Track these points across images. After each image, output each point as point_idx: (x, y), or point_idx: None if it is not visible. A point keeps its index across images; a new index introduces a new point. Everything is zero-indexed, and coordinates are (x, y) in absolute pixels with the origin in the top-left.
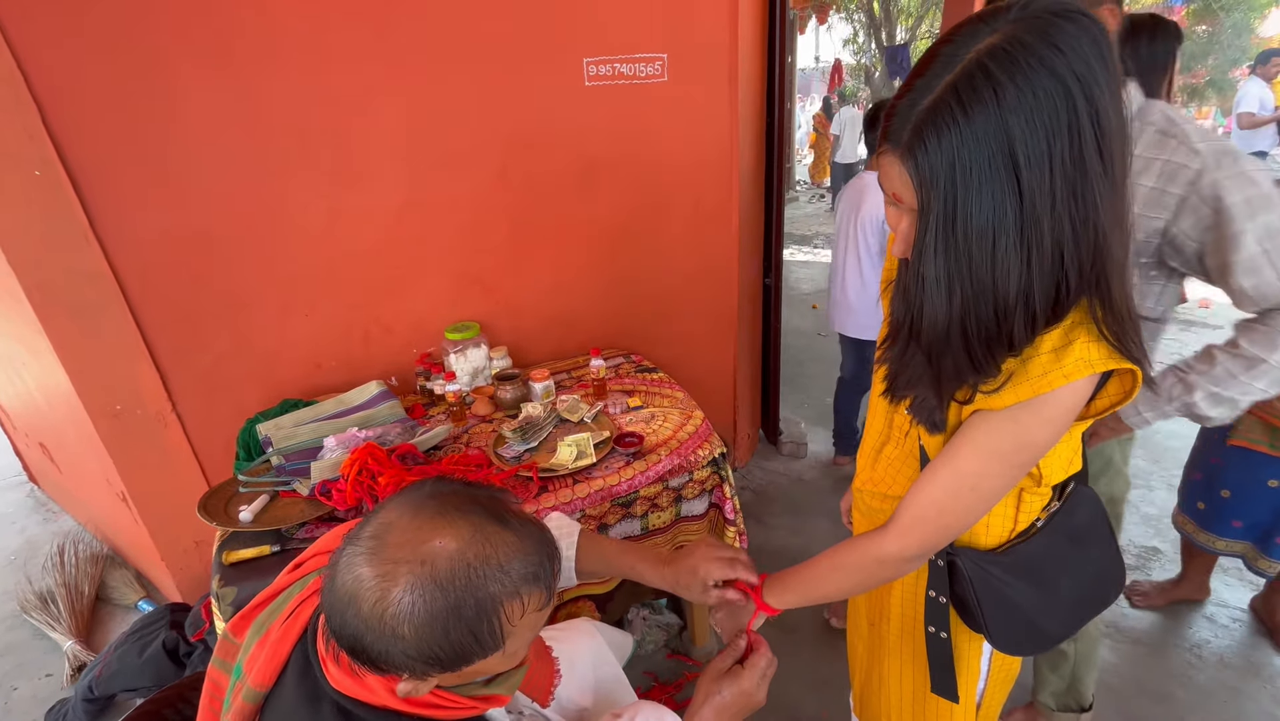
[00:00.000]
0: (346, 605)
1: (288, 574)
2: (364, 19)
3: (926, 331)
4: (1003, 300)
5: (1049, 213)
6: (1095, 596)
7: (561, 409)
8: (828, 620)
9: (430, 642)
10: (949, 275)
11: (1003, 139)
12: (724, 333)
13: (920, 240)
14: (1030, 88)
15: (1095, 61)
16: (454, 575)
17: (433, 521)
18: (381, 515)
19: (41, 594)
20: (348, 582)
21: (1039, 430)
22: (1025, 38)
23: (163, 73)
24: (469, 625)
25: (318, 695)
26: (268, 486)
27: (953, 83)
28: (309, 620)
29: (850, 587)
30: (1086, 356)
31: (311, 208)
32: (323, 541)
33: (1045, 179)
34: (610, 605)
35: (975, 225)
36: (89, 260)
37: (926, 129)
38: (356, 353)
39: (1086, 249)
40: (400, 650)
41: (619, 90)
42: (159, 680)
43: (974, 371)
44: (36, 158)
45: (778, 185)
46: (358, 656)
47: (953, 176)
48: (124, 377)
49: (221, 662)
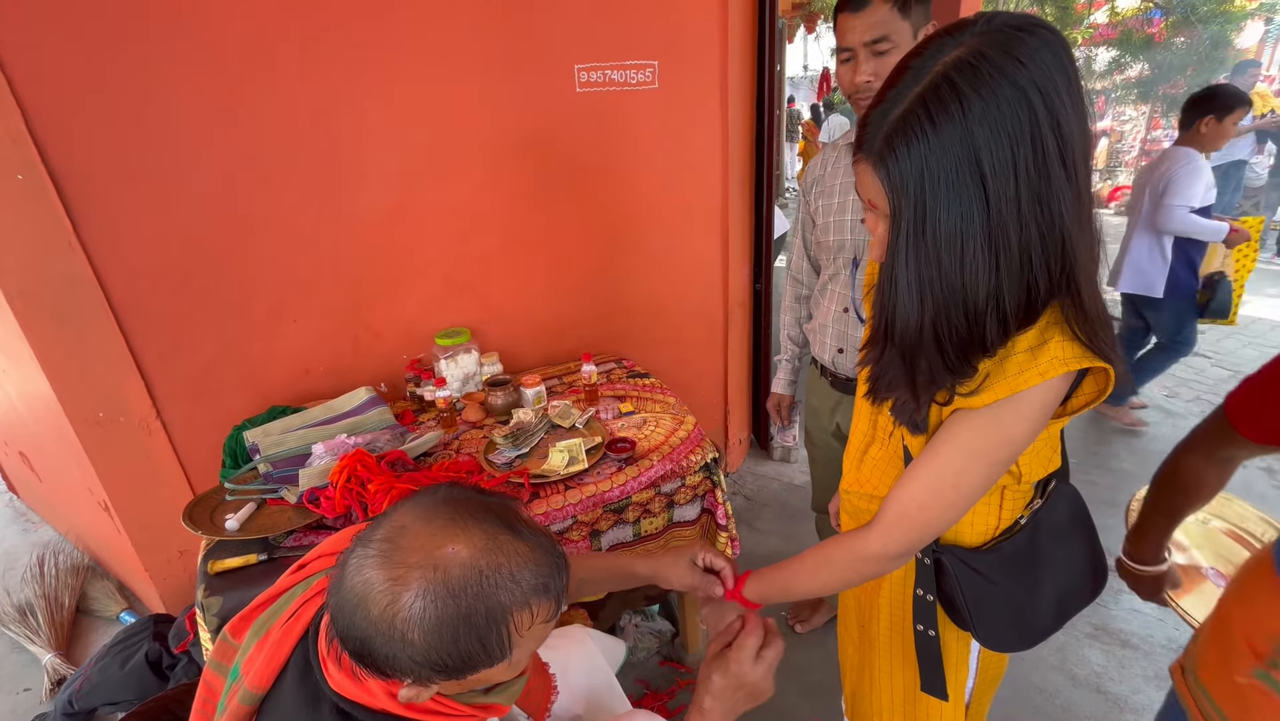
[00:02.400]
0: (355, 607)
1: (290, 575)
2: (354, 25)
3: (900, 334)
4: (973, 303)
5: (1015, 218)
6: (1079, 591)
7: (553, 414)
8: (791, 626)
9: (438, 649)
10: (920, 279)
11: (969, 148)
12: (715, 338)
13: (893, 245)
14: (994, 99)
15: (1056, 73)
16: (466, 583)
17: (446, 527)
18: (394, 518)
19: (20, 606)
20: (358, 585)
21: (1017, 427)
22: (988, 51)
23: (150, 75)
24: (478, 633)
25: (318, 697)
26: (255, 494)
27: (921, 94)
28: (310, 621)
29: (834, 584)
30: (1061, 355)
31: (300, 213)
32: (328, 543)
33: (1010, 185)
34: (602, 612)
35: (944, 230)
36: (73, 265)
37: (897, 139)
38: (346, 358)
39: (1054, 253)
40: (408, 655)
41: (610, 97)
42: (141, 693)
43: (949, 373)
44: (19, 161)
45: (768, 191)
46: (363, 659)
47: (922, 184)
48: (107, 384)
49: (218, 665)
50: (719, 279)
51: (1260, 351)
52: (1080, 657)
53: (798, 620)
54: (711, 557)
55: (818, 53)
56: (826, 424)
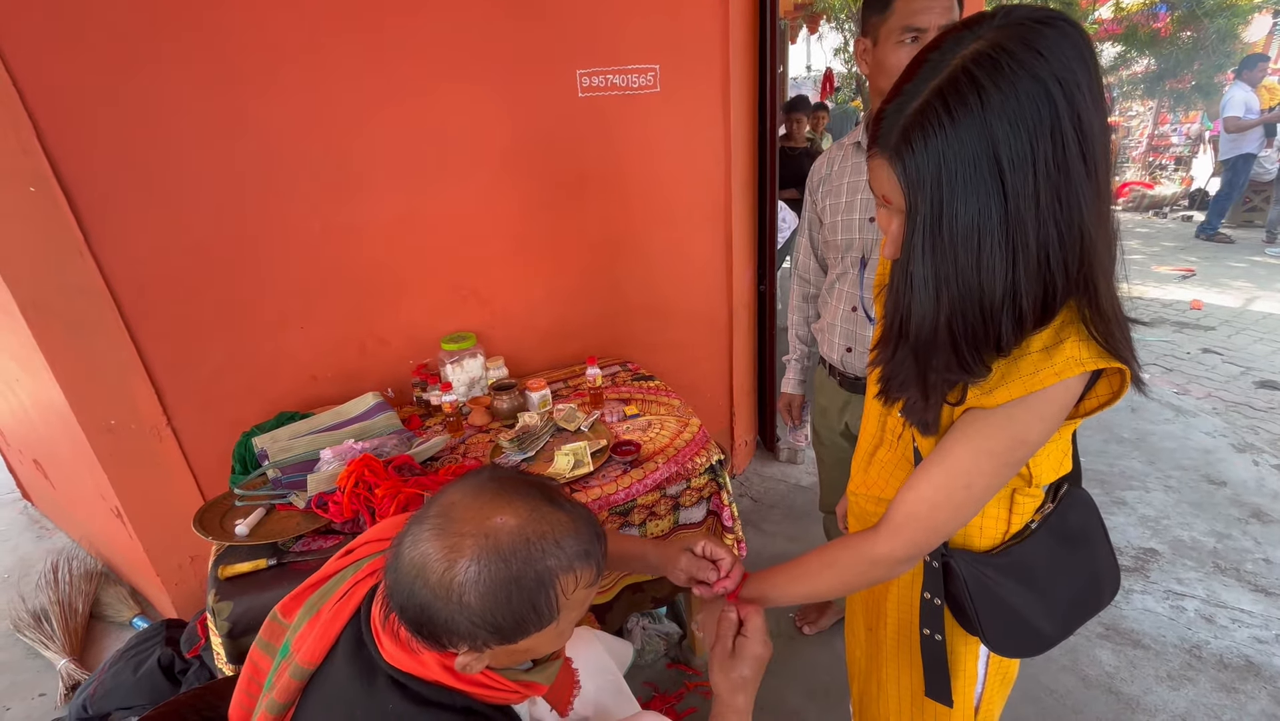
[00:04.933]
0: (414, 577)
1: (339, 559)
2: (359, 34)
3: (914, 331)
4: (989, 301)
5: (1033, 214)
6: (1090, 598)
7: (558, 418)
8: (799, 628)
9: (494, 610)
10: (936, 275)
11: (987, 142)
12: (719, 340)
13: (908, 241)
14: (1013, 92)
15: (1077, 65)
16: (515, 548)
17: (493, 501)
18: (445, 497)
19: (35, 612)
20: (415, 557)
21: (1032, 427)
22: (1008, 44)
23: (159, 86)
24: (529, 595)
25: (371, 670)
26: (264, 500)
27: (939, 87)
28: (361, 601)
29: (840, 587)
30: (1077, 355)
31: (306, 220)
32: (375, 530)
33: (1029, 181)
34: (609, 614)
35: (961, 226)
36: (84, 275)
37: (913, 133)
38: (352, 364)
39: (1072, 251)
40: (465, 617)
41: (612, 101)
42: (154, 698)
43: (962, 372)
44: (31, 173)
45: (770, 192)
46: (422, 628)
47: (939, 178)
48: (119, 392)
49: (266, 644)
50: (723, 281)
51: (1272, 347)
52: (1091, 658)
53: (805, 622)
54: (713, 548)
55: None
56: (835, 424)
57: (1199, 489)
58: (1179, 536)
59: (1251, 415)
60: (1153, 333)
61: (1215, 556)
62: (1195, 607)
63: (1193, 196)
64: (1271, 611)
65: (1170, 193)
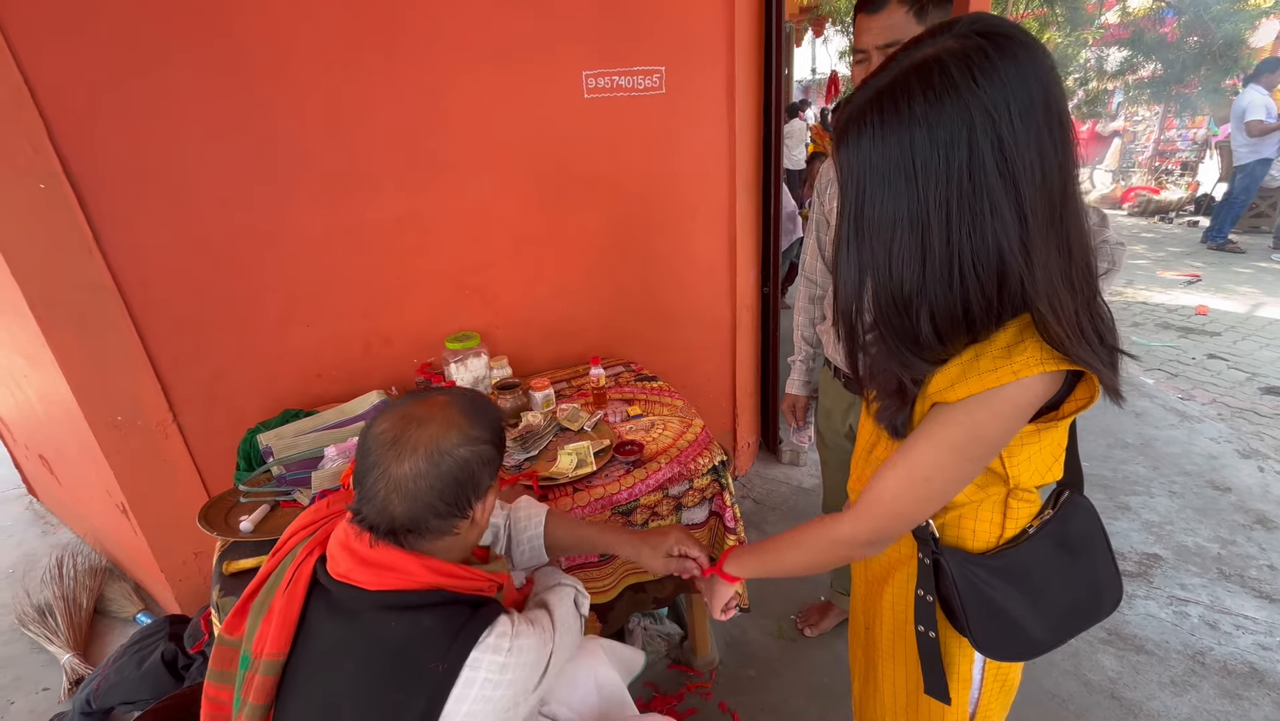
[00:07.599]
0: (387, 497)
1: (271, 558)
2: (367, 33)
3: (843, 318)
4: (902, 294)
5: (941, 220)
6: (1088, 607)
7: (561, 417)
8: (800, 630)
9: (441, 491)
10: (860, 262)
11: (906, 145)
12: (723, 341)
13: (839, 229)
14: (938, 105)
15: (1016, 93)
16: (440, 449)
17: (417, 420)
18: (374, 433)
19: (39, 607)
20: (380, 485)
21: (990, 424)
22: (948, 59)
23: (167, 85)
24: (459, 476)
25: (355, 611)
26: (268, 496)
27: (880, 88)
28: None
29: (806, 565)
30: (1038, 356)
31: (313, 219)
32: (295, 524)
33: (940, 188)
34: (611, 615)
35: (878, 216)
36: (92, 272)
37: (851, 128)
38: (357, 363)
39: (984, 267)
40: (424, 503)
41: (617, 102)
42: (158, 692)
43: (901, 367)
44: (42, 170)
45: (775, 194)
46: (397, 533)
47: (865, 173)
48: (125, 388)
49: (220, 674)
50: (726, 282)
51: (1277, 353)
52: (1094, 663)
53: (807, 624)
54: (686, 547)
55: (826, 56)
56: (839, 425)
57: (1203, 494)
58: (1183, 542)
59: (1257, 421)
60: (1158, 338)
61: (1219, 562)
62: (1199, 613)
63: (1199, 201)
64: (1276, 618)
65: (1176, 198)
